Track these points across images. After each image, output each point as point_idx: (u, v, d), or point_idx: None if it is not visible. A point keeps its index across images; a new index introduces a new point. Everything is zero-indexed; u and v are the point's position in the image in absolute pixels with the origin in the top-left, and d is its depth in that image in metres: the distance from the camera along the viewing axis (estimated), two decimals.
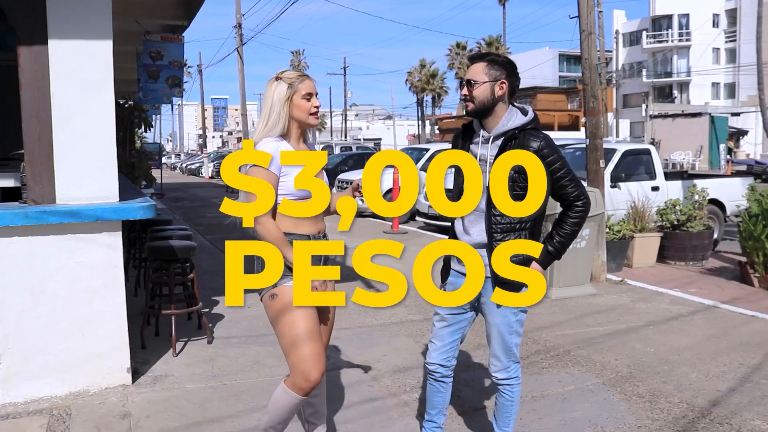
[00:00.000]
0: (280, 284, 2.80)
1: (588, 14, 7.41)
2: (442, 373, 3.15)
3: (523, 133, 2.87)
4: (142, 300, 6.29)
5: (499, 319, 2.97)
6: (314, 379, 2.80)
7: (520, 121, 2.90)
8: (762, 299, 6.78)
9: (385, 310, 6.23)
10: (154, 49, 8.50)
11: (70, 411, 3.87)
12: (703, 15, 55.21)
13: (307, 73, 2.92)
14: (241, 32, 26.51)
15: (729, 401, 4.06)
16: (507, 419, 3.11)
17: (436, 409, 3.23)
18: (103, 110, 4.13)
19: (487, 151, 2.92)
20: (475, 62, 2.93)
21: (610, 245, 7.84)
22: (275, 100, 2.84)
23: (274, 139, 2.83)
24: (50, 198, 4.06)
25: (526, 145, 2.83)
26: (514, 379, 3.06)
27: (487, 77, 2.87)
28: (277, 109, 2.84)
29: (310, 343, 2.79)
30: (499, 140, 2.91)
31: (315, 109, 2.88)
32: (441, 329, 3.12)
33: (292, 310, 2.79)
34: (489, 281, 2.92)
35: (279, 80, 2.85)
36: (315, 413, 3.16)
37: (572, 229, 2.93)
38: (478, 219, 2.94)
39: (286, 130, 2.86)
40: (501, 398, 3.10)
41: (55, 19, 3.98)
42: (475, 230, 2.95)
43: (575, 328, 5.67)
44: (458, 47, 53.41)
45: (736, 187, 10.42)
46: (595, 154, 7.60)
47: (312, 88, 2.87)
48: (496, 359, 3.05)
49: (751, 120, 39.97)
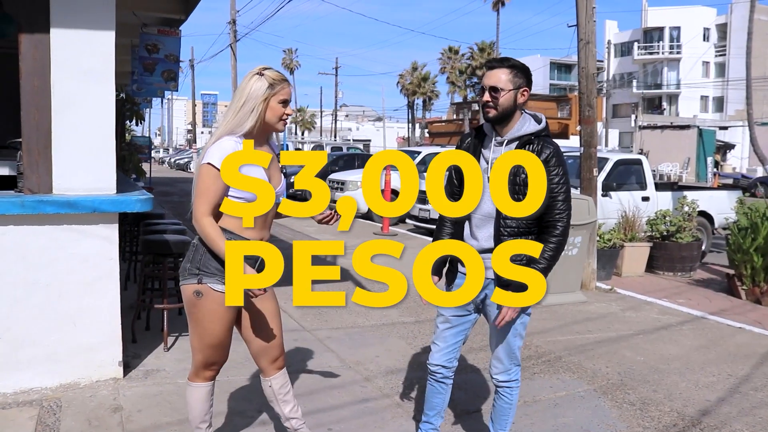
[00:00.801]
0: (207, 283, 2.76)
1: (587, 23, 7.45)
2: (443, 374, 3.16)
3: (539, 139, 2.89)
4: (131, 294, 6.25)
5: None
6: (213, 372, 2.96)
7: (534, 128, 2.91)
8: (749, 311, 6.85)
9: (377, 312, 6.24)
10: (150, 41, 8.45)
11: (61, 403, 3.84)
12: (694, 28, 55.81)
13: (287, 79, 2.85)
14: (235, 29, 26.43)
15: (719, 411, 4.10)
16: (504, 422, 3.12)
17: (435, 411, 3.24)
18: (104, 101, 4.09)
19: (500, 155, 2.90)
20: (496, 68, 2.88)
21: (600, 253, 7.89)
22: (251, 95, 2.73)
23: (234, 137, 2.72)
24: (47, 188, 4.03)
25: (540, 151, 2.84)
26: (514, 381, 3.08)
27: (512, 85, 2.85)
28: (251, 105, 2.73)
29: (222, 345, 2.89)
30: (512, 144, 2.92)
31: (286, 116, 2.81)
32: (444, 330, 3.12)
33: (212, 314, 2.79)
34: (493, 284, 2.91)
35: (261, 76, 2.75)
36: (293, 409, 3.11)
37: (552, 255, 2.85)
38: (486, 223, 2.94)
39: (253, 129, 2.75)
40: (500, 401, 3.11)
41: (58, 7, 3.94)
42: (483, 235, 2.95)
43: (566, 334, 5.70)
44: (451, 51, 53.58)
45: (725, 200, 10.52)
46: (589, 162, 7.65)
47: (289, 95, 2.81)
48: (499, 361, 3.06)
49: (739, 134, 40.47)
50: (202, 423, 3.04)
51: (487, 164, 2.94)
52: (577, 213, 6.83)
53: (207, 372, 2.95)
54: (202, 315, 2.81)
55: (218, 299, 2.76)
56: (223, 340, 2.89)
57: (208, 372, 2.96)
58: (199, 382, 2.96)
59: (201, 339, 2.87)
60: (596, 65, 7.75)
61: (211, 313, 2.80)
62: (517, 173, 2.82)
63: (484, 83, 2.90)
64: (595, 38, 7.65)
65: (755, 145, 29.04)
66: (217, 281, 2.76)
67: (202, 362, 2.92)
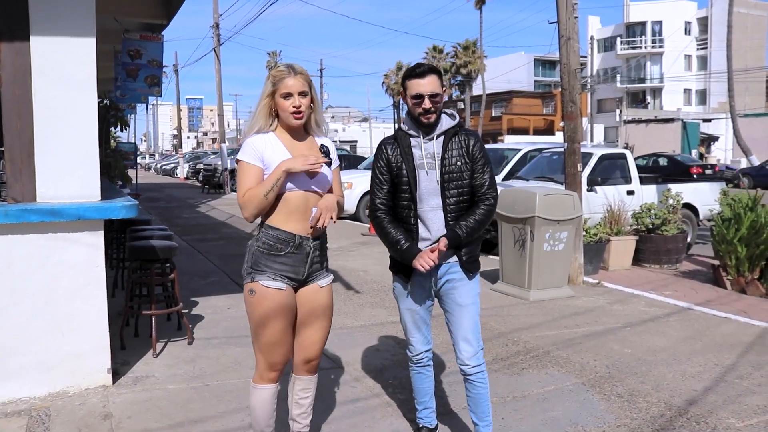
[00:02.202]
0: (259, 280, 2.87)
1: (567, 20, 7.50)
2: (428, 357, 3.39)
3: (462, 129, 3.22)
4: (119, 301, 6.24)
5: (469, 300, 3.18)
6: (278, 372, 2.94)
7: (454, 122, 3.22)
8: (734, 301, 6.92)
9: (366, 312, 6.25)
10: (133, 47, 8.43)
11: (50, 412, 3.82)
12: (675, 22, 56.26)
13: (295, 70, 2.85)
14: (218, 32, 26.32)
15: (705, 400, 4.15)
16: (486, 408, 3.20)
17: (428, 395, 3.42)
18: (86, 108, 4.08)
19: (432, 149, 3.15)
20: (429, 75, 3.09)
21: (587, 248, 7.94)
22: (261, 96, 2.89)
23: (261, 134, 2.89)
24: (31, 196, 4.01)
25: (468, 140, 3.18)
26: (483, 364, 3.19)
27: (440, 88, 3.13)
28: (260, 105, 2.88)
29: (280, 341, 2.89)
30: (441, 137, 3.18)
31: (294, 108, 2.83)
32: (415, 322, 3.32)
33: (265, 309, 2.85)
34: (456, 266, 3.15)
35: (268, 76, 2.87)
36: (302, 414, 3.15)
37: (482, 219, 3.11)
38: (435, 214, 3.15)
39: (270, 126, 2.90)
40: (475, 389, 3.17)
41: (38, 15, 3.93)
42: (435, 226, 3.14)
43: (554, 329, 5.74)
44: (435, 50, 53.63)
45: (709, 192, 10.62)
46: (573, 158, 7.70)
47: (290, 87, 2.81)
48: (468, 344, 3.15)
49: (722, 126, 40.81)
50: (267, 428, 3.02)
51: (422, 159, 3.15)
52: (562, 208, 6.89)
53: (270, 373, 2.93)
54: (256, 312, 2.87)
55: (269, 294, 2.84)
56: (281, 338, 2.89)
57: (271, 373, 2.93)
58: (262, 384, 2.95)
59: (259, 337, 2.90)
60: (579, 61, 7.81)
61: (265, 309, 2.85)
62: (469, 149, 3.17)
63: (421, 91, 3.08)
64: (577, 34, 7.70)
65: (738, 136, 29.34)
66: (268, 278, 2.85)
67: (264, 362, 2.93)
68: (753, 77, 49.42)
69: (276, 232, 2.85)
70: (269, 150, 2.85)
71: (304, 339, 3.02)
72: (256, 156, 2.83)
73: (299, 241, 2.87)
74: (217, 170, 25.21)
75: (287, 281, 2.89)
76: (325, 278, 3.04)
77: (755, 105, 49.73)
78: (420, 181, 3.13)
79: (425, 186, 3.13)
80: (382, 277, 7.89)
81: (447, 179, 3.12)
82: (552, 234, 6.82)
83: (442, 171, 3.12)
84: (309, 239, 2.90)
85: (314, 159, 2.81)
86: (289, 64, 2.89)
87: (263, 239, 2.87)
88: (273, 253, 2.85)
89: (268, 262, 2.85)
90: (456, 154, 3.13)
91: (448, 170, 3.12)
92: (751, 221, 7.35)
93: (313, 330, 3.02)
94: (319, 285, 3.00)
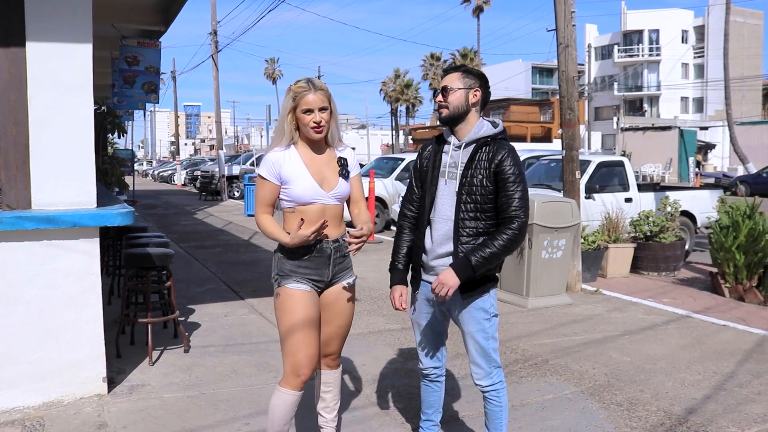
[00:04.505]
0: (284, 284, 2.97)
1: (565, 27, 7.50)
2: (437, 374, 3.28)
3: (495, 142, 2.97)
4: (115, 308, 6.20)
5: (473, 327, 3.03)
6: (303, 376, 2.92)
7: (491, 131, 3.00)
8: (733, 309, 6.90)
9: (363, 320, 6.22)
10: (130, 54, 8.42)
11: (44, 422, 3.78)
12: (672, 31, 56.45)
13: (315, 86, 2.94)
14: (216, 39, 26.36)
15: (705, 409, 4.12)
16: (499, 425, 3.12)
17: (433, 408, 3.34)
18: (82, 115, 4.06)
19: (458, 158, 3.00)
20: (450, 72, 3.04)
21: (585, 255, 7.92)
22: (281, 111, 3.01)
23: (282, 148, 2.99)
24: (26, 203, 3.99)
25: (495, 152, 2.92)
26: (498, 384, 3.08)
27: (461, 84, 2.98)
28: (281, 121, 3.00)
29: (303, 342, 2.91)
30: (470, 147, 2.99)
31: (314, 123, 2.93)
32: (425, 335, 3.21)
33: (290, 310, 2.94)
34: (457, 291, 2.93)
35: (289, 91, 2.96)
36: (326, 408, 3.26)
37: (503, 246, 2.85)
38: (444, 225, 2.99)
39: (292, 140, 3.00)
40: (489, 405, 3.11)
41: (34, 21, 3.92)
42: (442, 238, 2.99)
43: (552, 337, 5.71)
44: (433, 58, 53.74)
45: (707, 199, 10.61)
46: (571, 165, 7.69)
47: (311, 103, 2.90)
48: (477, 367, 3.07)
49: (719, 134, 40.92)
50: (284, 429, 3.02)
51: (445, 167, 3.03)
52: (560, 216, 6.87)
53: (294, 378, 2.93)
54: (281, 314, 2.97)
55: (293, 294, 2.94)
56: (303, 338, 2.91)
57: (296, 379, 2.93)
58: (286, 388, 2.95)
59: (284, 339, 2.96)
60: (577, 69, 7.81)
61: (288, 308, 2.94)
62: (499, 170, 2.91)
63: (438, 88, 3.03)
64: (575, 42, 7.70)
65: (735, 144, 29.41)
66: (293, 281, 2.97)
67: (289, 365, 2.95)
68: (749, 85, 49.64)
69: None
70: (287, 164, 2.97)
71: (325, 334, 3.12)
72: (274, 173, 2.96)
73: (318, 245, 2.98)
74: (215, 177, 25.19)
75: (312, 284, 3.00)
76: (350, 278, 3.13)
77: (752, 113, 49.91)
78: (438, 189, 3.03)
79: (442, 195, 3.00)
80: (380, 284, 7.86)
81: (464, 192, 2.93)
82: (550, 241, 6.80)
83: (462, 182, 2.94)
84: (329, 242, 3.00)
85: (311, 231, 2.85)
86: (309, 79, 2.98)
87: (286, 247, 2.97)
88: (296, 259, 2.97)
89: (291, 267, 2.97)
90: (479, 167, 2.92)
91: (468, 182, 2.92)
92: (749, 229, 7.34)
93: (334, 326, 3.12)
94: (343, 285, 3.10)
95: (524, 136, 43.92)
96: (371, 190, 12.31)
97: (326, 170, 3.02)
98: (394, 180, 14.19)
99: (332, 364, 3.23)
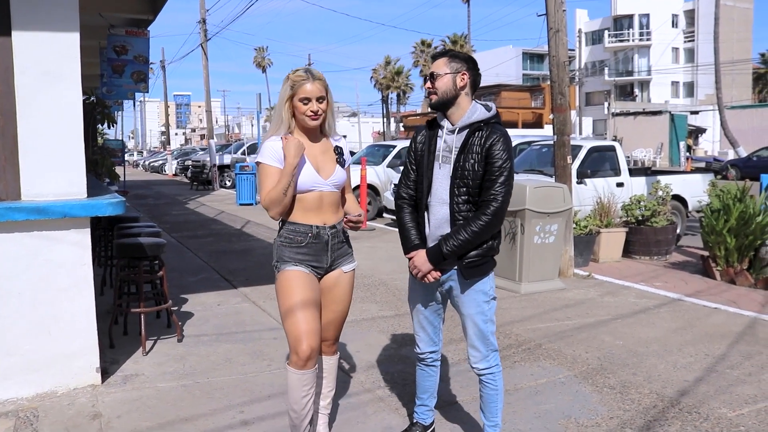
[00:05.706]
0: (283, 268, 3.03)
1: (556, 12, 7.48)
2: (433, 358, 3.30)
3: (488, 126, 2.98)
4: (107, 299, 6.18)
5: (472, 309, 3.05)
6: (302, 353, 2.92)
7: (484, 115, 3.01)
8: (724, 292, 6.95)
9: (357, 306, 6.23)
10: (118, 43, 8.35)
11: (38, 413, 3.78)
12: (662, 15, 56.43)
13: (313, 75, 2.97)
14: (205, 28, 26.14)
15: (696, 391, 4.16)
16: (494, 409, 3.14)
17: (428, 393, 3.36)
18: (70, 104, 4.02)
19: (452, 142, 3.02)
20: (437, 58, 3.06)
21: (577, 240, 7.95)
22: (280, 99, 3.03)
23: (277, 136, 3.02)
24: (15, 194, 3.96)
25: (487, 137, 2.93)
26: (494, 367, 3.10)
27: (448, 69, 3.00)
28: (279, 109, 3.03)
29: (302, 319, 2.94)
30: (464, 132, 3.01)
31: (311, 113, 2.97)
32: (421, 319, 3.24)
33: (288, 289, 2.99)
34: (456, 272, 3.03)
35: (287, 80, 2.99)
36: (320, 394, 3.27)
37: (475, 234, 2.89)
38: (440, 209, 3.02)
39: (289, 129, 3.03)
40: (485, 389, 3.13)
41: (20, 10, 3.87)
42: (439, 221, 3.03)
43: (545, 322, 5.73)
44: (423, 45, 53.57)
45: (698, 184, 10.65)
46: (563, 150, 7.69)
47: (309, 92, 2.94)
48: (475, 350, 3.09)
49: (710, 118, 40.98)
50: (303, 410, 3.02)
51: (439, 152, 3.05)
52: (552, 201, 6.89)
53: (295, 357, 2.95)
54: (280, 296, 3.02)
55: (291, 276, 3.00)
56: (301, 317, 2.94)
57: (296, 358, 2.94)
58: (291, 367, 2.98)
59: (284, 320, 2.99)
60: (567, 54, 7.80)
61: (286, 287, 3.00)
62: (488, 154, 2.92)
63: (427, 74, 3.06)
64: (566, 27, 7.68)
65: (725, 128, 29.47)
66: (291, 265, 3.02)
67: (290, 344, 2.97)
68: (739, 69, 49.67)
69: (294, 226, 3.03)
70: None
71: (323, 320, 3.15)
72: (276, 157, 2.98)
73: (316, 231, 3.04)
74: (206, 166, 25.08)
75: (311, 269, 3.05)
76: (349, 264, 3.18)
77: (742, 97, 50.02)
78: (434, 173, 3.05)
79: (437, 179, 3.03)
80: (373, 272, 7.87)
81: (458, 176, 2.95)
82: (542, 227, 6.81)
83: (455, 167, 2.96)
84: (325, 228, 3.05)
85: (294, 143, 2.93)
86: (308, 69, 3.02)
87: (284, 234, 3.05)
88: (294, 246, 3.03)
89: (290, 254, 3.03)
90: (472, 151, 2.94)
91: (461, 167, 2.94)
92: (739, 212, 7.38)
93: (331, 311, 3.16)
94: (342, 270, 3.15)
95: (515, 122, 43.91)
96: (363, 178, 12.28)
97: (322, 158, 3.07)
98: (385, 167, 14.17)
99: (328, 350, 3.26)
